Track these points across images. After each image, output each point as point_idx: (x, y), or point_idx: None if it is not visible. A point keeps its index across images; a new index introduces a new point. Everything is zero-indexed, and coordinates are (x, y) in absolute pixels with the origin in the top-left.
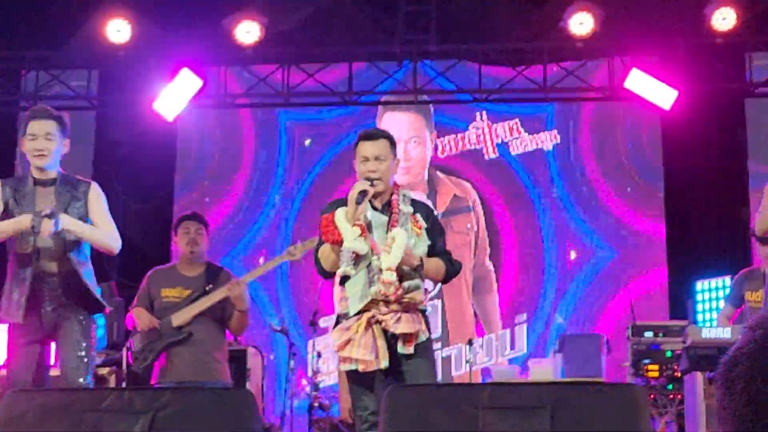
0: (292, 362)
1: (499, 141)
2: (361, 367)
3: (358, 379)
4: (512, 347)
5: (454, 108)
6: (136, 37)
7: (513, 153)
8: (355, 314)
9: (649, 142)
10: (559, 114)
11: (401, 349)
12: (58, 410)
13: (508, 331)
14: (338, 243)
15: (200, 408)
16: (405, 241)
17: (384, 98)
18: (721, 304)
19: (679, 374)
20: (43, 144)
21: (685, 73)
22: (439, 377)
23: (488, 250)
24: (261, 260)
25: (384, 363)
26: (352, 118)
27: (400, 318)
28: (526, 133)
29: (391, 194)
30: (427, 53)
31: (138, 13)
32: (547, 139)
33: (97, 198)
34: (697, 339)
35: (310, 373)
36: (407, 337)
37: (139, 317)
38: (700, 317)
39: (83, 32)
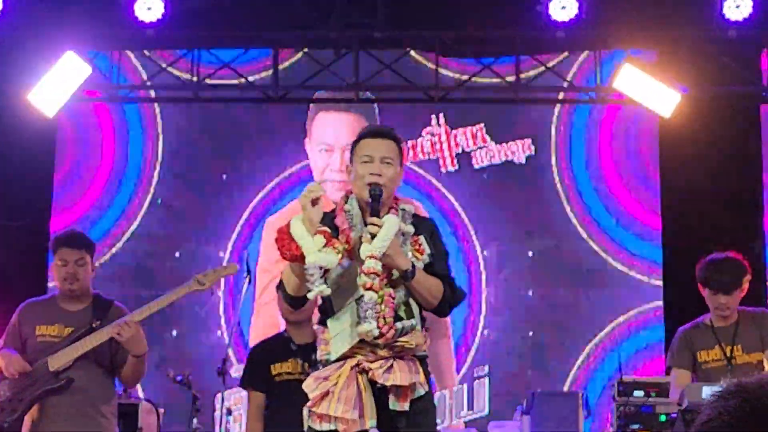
0: (195, 420)
1: (460, 151)
2: (341, 428)
3: None
4: (470, 407)
5: (404, 109)
6: (8, 12)
7: (476, 166)
8: (336, 360)
9: (644, 156)
10: (534, 119)
11: (393, 405)
12: None
13: (465, 386)
14: (299, 259)
15: None
16: (395, 229)
17: (317, 94)
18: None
19: None
20: None
21: (689, 73)
22: None
23: None
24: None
25: (370, 423)
26: (277, 117)
27: (391, 366)
28: (493, 142)
29: (390, 209)
30: (372, 41)
31: None
32: (519, 150)
33: None
34: (695, 400)
35: None
36: (400, 391)
37: (8, 360)
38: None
39: None
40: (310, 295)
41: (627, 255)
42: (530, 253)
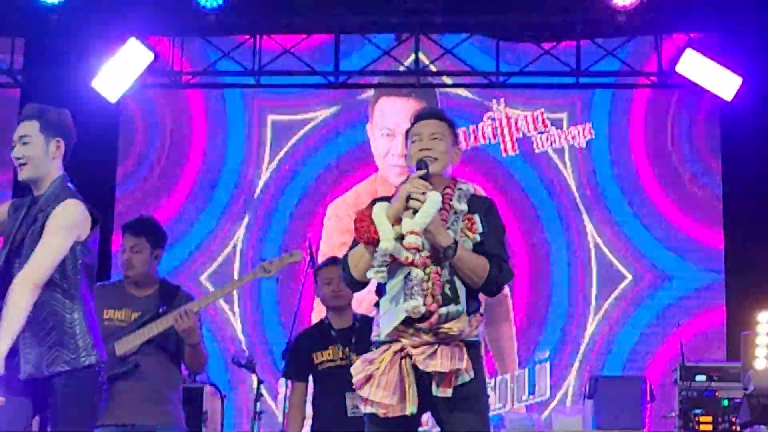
0: (258, 405)
1: (520, 135)
2: (380, 412)
3: (379, 426)
4: (531, 391)
5: (464, 94)
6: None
7: (537, 150)
8: (383, 343)
9: (705, 142)
10: (595, 103)
11: (436, 391)
12: None
13: (526, 370)
14: (374, 243)
15: None
16: (438, 205)
17: (379, 80)
18: None
19: (738, 428)
20: (20, 151)
21: (751, 56)
22: None
23: None
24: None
25: (411, 408)
26: (338, 103)
27: (435, 352)
28: (554, 127)
29: (446, 188)
30: (433, 25)
31: None
32: (580, 135)
33: (56, 216)
34: (761, 384)
35: (280, 419)
36: (443, 377)
37: None
38: (757, 355)
39: None
40: (368, 275)
41: (688, 243)
42: (592, 237)
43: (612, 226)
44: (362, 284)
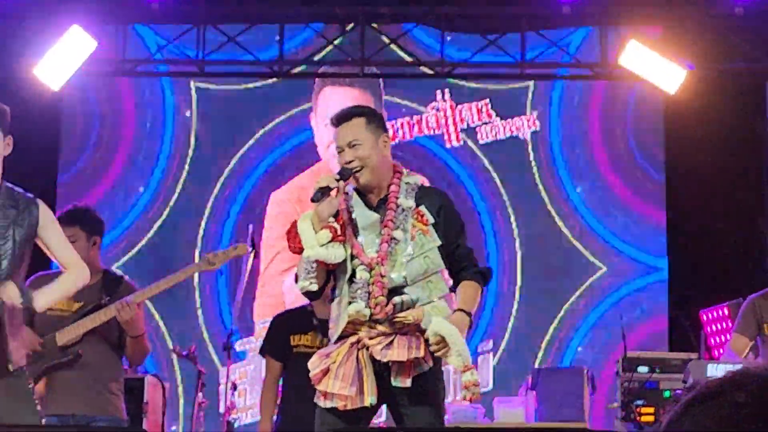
0: (200, 395)
1: (465, 126)
2: (340, 405)
3: (338, 418)
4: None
5: (409, 84)
6: None
7: (481, 141)
8: (340, 338)
9: (648, 134)
10: (540, 94)
11: (395, 381)
12: None
13: None
14: (301, 253)
15: None
16: (452, 327)
17: (323, 69)
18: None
19: None
20: None
21: (695, 49)
22: None
23: None
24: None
25: (370, 399)
26: (281, 92)
27: (392, 342)
28: (498, 117)
29: (389, 186)
30: (378, 15)
31: None
32: (524, 125)
33: (51, 222)
34: (700, 377)
35: (222, 409)
36: (402, 367)
37: None
38: (715, 353)
39: None
40: (297, 287)
41: (630, 236)
42: (534, 229)
43: (552, 218)
44: (316, 293)
